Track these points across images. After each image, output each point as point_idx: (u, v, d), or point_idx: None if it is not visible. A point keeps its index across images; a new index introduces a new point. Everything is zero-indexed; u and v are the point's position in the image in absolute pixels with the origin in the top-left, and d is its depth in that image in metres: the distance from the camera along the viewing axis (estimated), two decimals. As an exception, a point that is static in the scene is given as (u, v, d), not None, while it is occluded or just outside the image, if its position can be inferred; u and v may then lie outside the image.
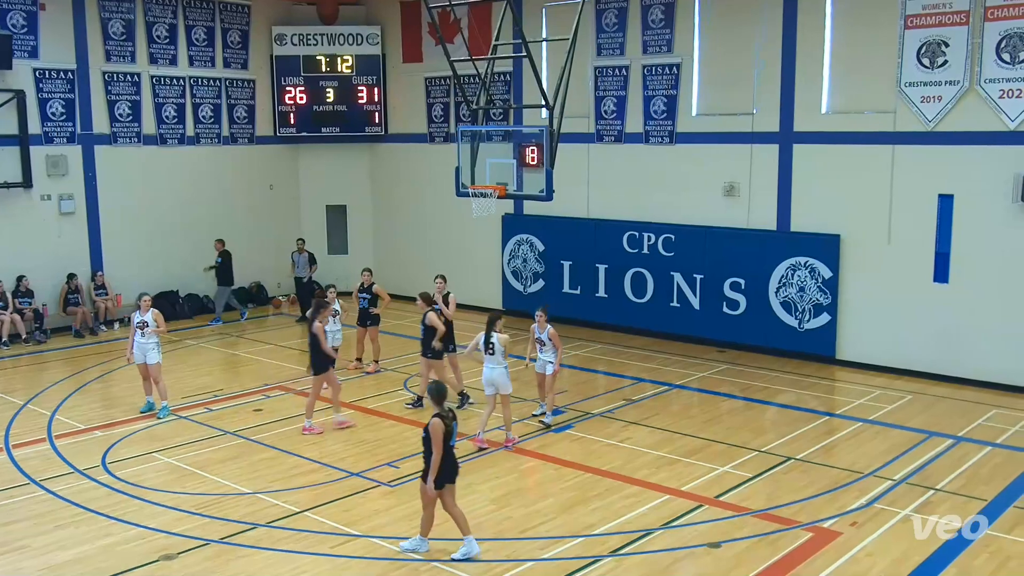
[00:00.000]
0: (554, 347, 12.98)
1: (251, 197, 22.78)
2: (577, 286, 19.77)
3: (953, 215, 15.16)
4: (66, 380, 16.02)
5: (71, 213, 19.70)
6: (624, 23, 18.67)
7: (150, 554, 9.25)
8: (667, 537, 9.64)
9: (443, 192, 18.84)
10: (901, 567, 8.89)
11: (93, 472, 11.53)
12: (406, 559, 9.14)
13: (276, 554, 9.27)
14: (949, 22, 14.87)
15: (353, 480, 11.24)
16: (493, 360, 12.30)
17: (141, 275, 20.22)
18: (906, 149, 15.52)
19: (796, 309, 16.86)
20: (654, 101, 18.41)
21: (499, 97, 20.03)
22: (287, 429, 13.23)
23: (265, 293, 22.98)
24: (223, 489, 10.98)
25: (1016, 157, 14.39)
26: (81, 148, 19.82)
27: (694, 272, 18.02)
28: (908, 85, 15.35)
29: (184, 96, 21.41)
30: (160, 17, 20.82)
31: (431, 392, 9.31)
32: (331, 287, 15.93)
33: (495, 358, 12.28)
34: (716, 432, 13.01)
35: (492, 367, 12.31)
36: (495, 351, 12.26)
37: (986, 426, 13.22)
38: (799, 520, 9.97)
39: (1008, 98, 14.42)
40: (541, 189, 13.52)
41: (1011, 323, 14.69)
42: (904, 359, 15.81)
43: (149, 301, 14.09)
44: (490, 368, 12.34)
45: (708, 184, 17.81)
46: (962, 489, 10.84)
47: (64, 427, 13.39)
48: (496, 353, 12.26)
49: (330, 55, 22.86)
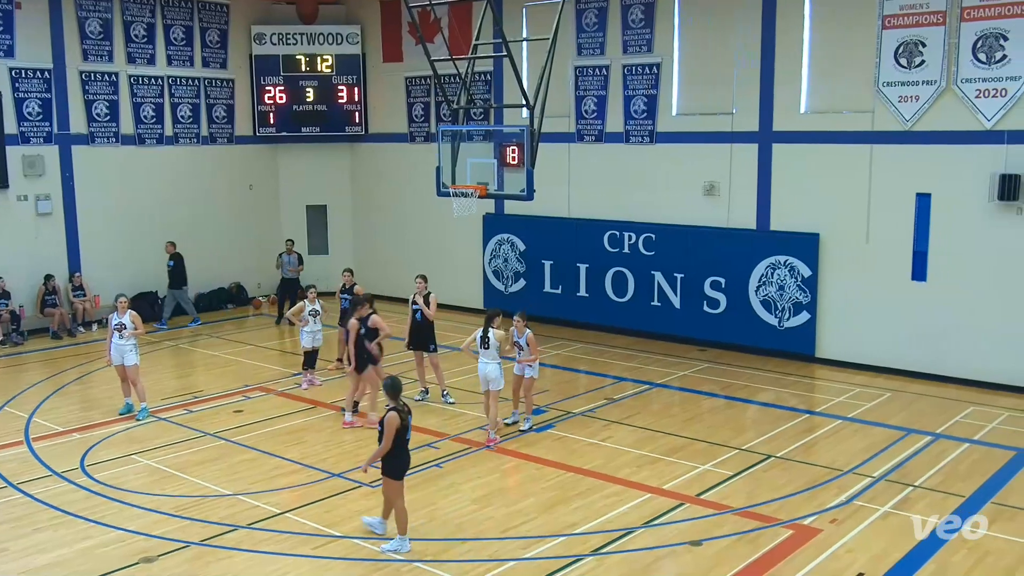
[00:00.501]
0: (531, 352, 12.94)
1: (230, 197, 22.65)
2: (558, 286, 19.79)
3: (931, 214, 15.28)
4: (44, 382, 15.88)
5: (48, 214, 19.53)
6: (604, 23, 18.70)
7: (130, 557, 9.18)
8: (648, 536, 9.66)
9: (424, 192, 18.81)
10: (881, 563, 8.95)
11: (71, 475, 11.44)
12: (388, 560, 9.12)
13: (257, 556, 9.23)
14: (926, 22, 14.98)
15: (334, 481, 11.20)
16: (488, 355, 12.44)
17: (119, 276, 20.07)
18: (884, 148, 15.63)
19: (776, 308, 16.95)
20: (634, 101, 18.46)
21: (480, 97, 20.00)
22: (268, 430, 13.17)
23: (245, 294, 22.86)
24: (203, 491, 10.91)
25: (993, 156, 14.52)
26: (58, 148, 19.64)
27: (675, 271, 18.07)
28: (886, 85, 15.46)
29: (163, 96, 21.27)
30: (138, 16, 20.67)
31: (386, 387, 9.35)
32: (311, 287, 15.87)
33: (490, 353, 12.43)
34: (697, 431, 13.06)
35: (487, 363, 12.45)
36: (490, 346, 12.39)
37: (964, 423, 13.34)
38: (779, 518, 10.02)
39: (984, 98, 14.55)
40: (522, 189, 13.52)
41: (988, 321, 14.82)
42: (883, 357, 15.92)
43: (126, 302, 13.94)
44: (484, 363, 12.48)
45: (688, 183, 17.87)
46: (940, 486, 10.93)
47: (42, 429, 13.27)
48: (491, 348, 12.41)
49: (310, 54, 22.78)
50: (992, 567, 8.91)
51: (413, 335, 14.31)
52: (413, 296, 14.25)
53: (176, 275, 20.27)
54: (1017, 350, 14.60)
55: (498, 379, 12.48)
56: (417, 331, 14.24)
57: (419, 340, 14.28)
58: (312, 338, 15.26)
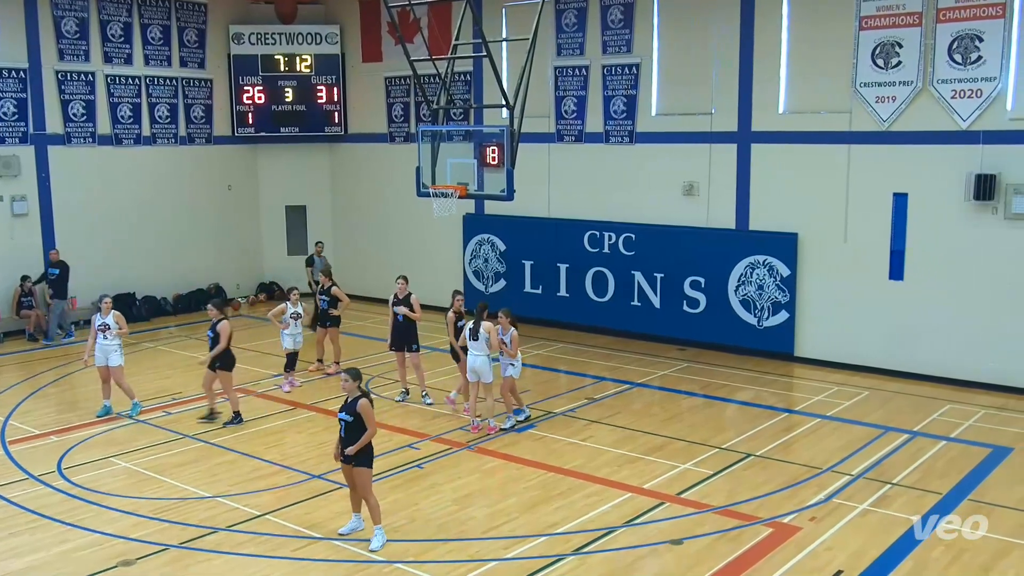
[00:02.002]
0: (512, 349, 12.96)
1: (209, 198, 22.52)
2: (539, 286, 19.80)
3: (907, 214, 15.41)
4: (20, 384, 15.73)
5: (24, 215, 19.34)
6: (584, 23, 18.73)
7: (108, 560, 9.11)
8: (629, 535, 9.69)
9: (404, 192, 18.78)
10: (860, 561, 9.01)
11: (48, 478, 11.34)
12: (369, 560, 9.09)
13: (237, 558, 9.18)
14: (902, 23, 15.11)
15: (315, 482, 11.16)
16: (478, 347, 12.58)
17: (96, 277, 19.91)
18: (861, 149, 15.74)
19: (755, 307, 17.03)
20: (614, 101, 18.50)
21: (459, 97, 20.01)
22: (248, 432, 13.11)
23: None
24: (182, 493, 10.84)
25: (968, 156, 14.65)
26: (34, 148, 19.46)
27: (654, 271, 18.13)
28: (863, 85, 15.57)
29: (140, 96, 21.12)
30: (114, 15, 20.51)
31: (351, 373, 9.36)
32: (293, 289, 15.80)
33: (479, 345, 12.55)
34: (677, 430, 13.10)
35: (476, 355, 12.61)
36: (479, 339, 12.51)
37: (941, 421, 13.45)
38: (759, 516, 10.07)
39: (960, 98, 14.68)
40: (502, 189, 13.51)
41: (964, 319, 14.96)
42: (861, 355, 16.03)
43: (110, 303, 13.88)
44: (474, 356, 12.63)
45: (668, 183, 17.93)
46: (918, 483, 11.02)
47: (18, 432, 13.14)
48: (480, 341, 12.53)
49: (289, 54, 22.68)
50: (969, 564, 8.99)
51: (395, 335, 14.28)
52: (394, 296, 14.21)
53: (59, 285, 18.83)
54: (993, 348, 14.75)
55: (488, 372, 12.63)
56: (398, 331, 14.21)
57: (400, 340, 14.25)
58: (293, 340, 15.20)
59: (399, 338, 14.26)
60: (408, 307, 14.10)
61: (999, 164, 14.43)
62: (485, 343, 12.55)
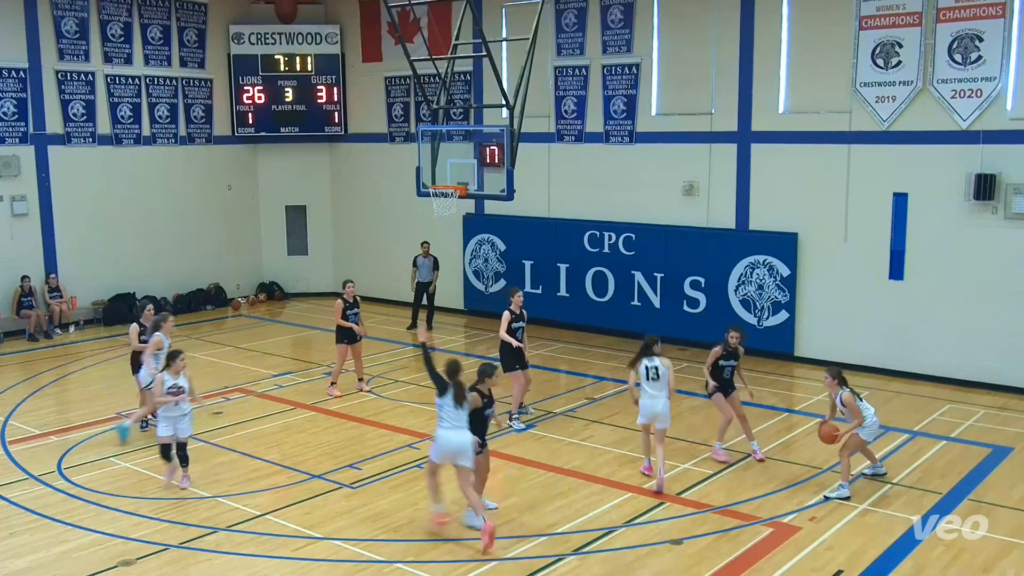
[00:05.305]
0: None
1: (209, 198, 22.51)
2: (539, 286, 19.80)
3: (907, 213, 15.41)
4: (20, 384, 15.72)
5: (24, 215, 19.34)
6: (584, 23, 18.73)
7: (108, 560, 9.11)
8: (630, 535, 9.69)
9: (404, 192, 18.78)
10: (859, 561, 9.01)
11: (48, 478, 11.34)
12: (369, 560, 9.09)
13: (237, 558, 9.18)
14: (902, 23, 15.11)
15: (314, 482, 11.16)
16: (656, 388, 11.04)
17: (96, 277, 19.92)
18: (861, 148, 15.74)
19: (755, 307, 17.03)
20: (614, 101, 18.50)
21: (459, 97, 20.01)
22: (247, 432, 13.11)
23: (224, 294, 22.73)
24: (182, 493, 10.83)
25: (968, 156, 14.65)
26: (34, 148, 19.45)
27: (654, 271, 18.13)
28: (863, 85, 15.57)
29: (140, 96, 21.11)
30: (114, 15, 20.51)
31: (481, 369, 9.91)
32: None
33: (659, 385, 11.04)
34: (677, 430, 13.06)
35: (655, 397, 11.03)
36: (660, 376, 11.04)
37: (941, 420, 13.45)
38: (759, 516, 10.07)
39: (960, 98, 14.68)
40: (502, 189, 13.52)
41: (964, 319, 14.96)
42: (861, 355, 16.02)
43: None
44: (653, 398, 11.03)
45: (668, 183, 17.93)
46: (918, 483, 11.02)
47: (18, 432, 13.14)
48: (661, 380, 11.03)
49: (289, 54, 22.67)
50: (968, 564, 8.98)
51: (517, 355, 13.26)
52: (512, 313, 13.18)
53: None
54: (993, 348, 14.75)
55: (666, 416, 10.96)
56: (518, 352, 13.22)
57: (518, 360, 13.28)
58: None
59: (519, 358, 13.29)
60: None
61: (999, 164, 14.43)
62: (666, 381, 10.93)
